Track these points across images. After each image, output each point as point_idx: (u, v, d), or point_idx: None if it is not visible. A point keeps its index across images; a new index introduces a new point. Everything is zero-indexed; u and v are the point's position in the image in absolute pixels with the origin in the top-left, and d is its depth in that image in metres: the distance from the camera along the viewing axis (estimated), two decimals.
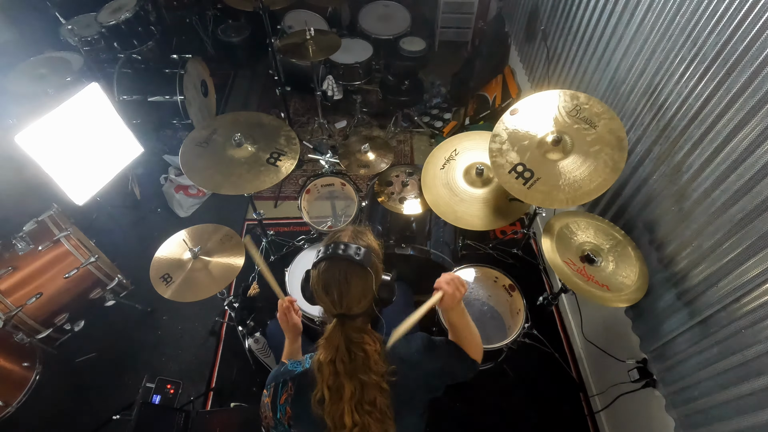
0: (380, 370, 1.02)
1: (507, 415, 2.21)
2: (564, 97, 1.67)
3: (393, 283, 1.12)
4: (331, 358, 1.01)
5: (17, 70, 2.71)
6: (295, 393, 1.08)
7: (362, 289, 1.03)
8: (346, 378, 1.00)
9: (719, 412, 1.31)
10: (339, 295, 1.02)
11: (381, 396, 1.01)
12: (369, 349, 1.02)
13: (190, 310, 2.57)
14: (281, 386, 1.10)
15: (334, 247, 1.04)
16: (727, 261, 1.27)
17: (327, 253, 1.05)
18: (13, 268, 2.03)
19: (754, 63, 1.17)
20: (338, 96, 3.47)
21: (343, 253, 1.02)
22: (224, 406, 2.19)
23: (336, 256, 1.03)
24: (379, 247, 1.14)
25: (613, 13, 1.84)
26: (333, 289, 1.02)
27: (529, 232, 2.39)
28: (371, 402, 1.00)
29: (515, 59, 3.24)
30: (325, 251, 1.06)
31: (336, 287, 1.02)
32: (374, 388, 1.00)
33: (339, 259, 1.03)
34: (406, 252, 2.07)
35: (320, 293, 1.05)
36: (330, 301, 1.04)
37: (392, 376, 1.04)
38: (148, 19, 3.16)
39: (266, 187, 1.87)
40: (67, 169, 2.01)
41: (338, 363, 1.00)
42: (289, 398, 1.08)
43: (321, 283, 1.04)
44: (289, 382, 1.09)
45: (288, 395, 1.08)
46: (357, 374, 1.00)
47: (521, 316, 1.85)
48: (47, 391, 2.10)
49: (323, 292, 1.04)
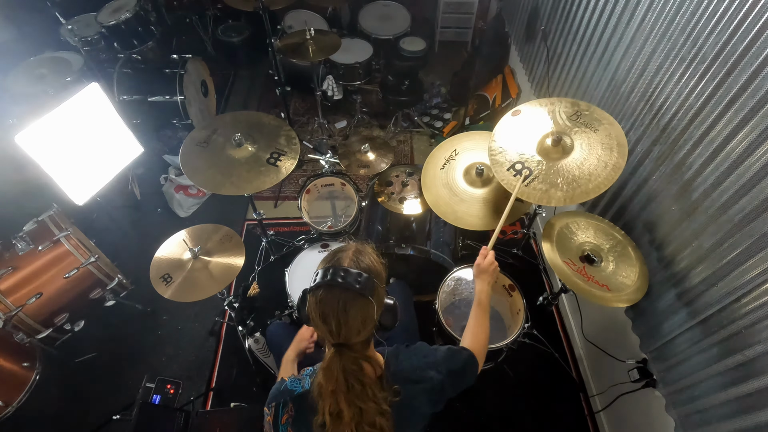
0: (379, 398, 1.00)
1: (507, 415, 2.21)
2: (564, 103, 1.69)
3: (396, 308, 1.07)
4: (331, 389, 0.99)
5: (17, 70, 2.72)
6: (296, 414, 1.07)
7: (362, 319, 0.98)
8: (345, 405, 0.98)
9: (719, 412, 1.31)
10: (337, 326, 0.97)
11: (382, 418, 0.99)
12: (367, 381, 1.00)
13: (190, 310, 2.58)
14: (282, 407, 1.08)
15: (333, 273, 0.97)
16: (727, 261, 1.27)
17: (325, 279, 0.98)
18: (13, 268, 2.03)
19: (754, 63, 1.17)
20: (338, 96, 3.47)
21: (342, 282, 0.96)
22: (224, 406, 2.19)
23: (335, 284, 0.96)
24: (383, 266, 1.08)
25: (613, 13, 1.84)
26: (331, 320, 0.97)
27: (529, 232, 2.39)
28: (371, 423, 0.99)
29: (515, 59, 3.24)
30: (323, 276, 0.99)
31: (334, 318, 0.97)
32: (374, 412, 0.99)
33: (338, 287, 0.96)
34: (406, 252, 2.07)
35: (317, 321, 1.00)
36: (327, 331, 0.99)
37: (395, 396, 1.02)
38: (148, 19, 3.16)
39: (266, 187, 1.87)
40: (67, 169, 2.01)
41: (338, 393, 0.98)
42: (290, 419, 1.07)
43: (318, 312, 0.99)
44: (290, 403, 1.08)
45: (289, 416, 1.07)
46: (355, 402, 0.98)
47: (521, 316, 1.85)
48: (47, 391, 2.10)
49: (320, 320, 0.99)
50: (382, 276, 1.05)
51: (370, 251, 1.07)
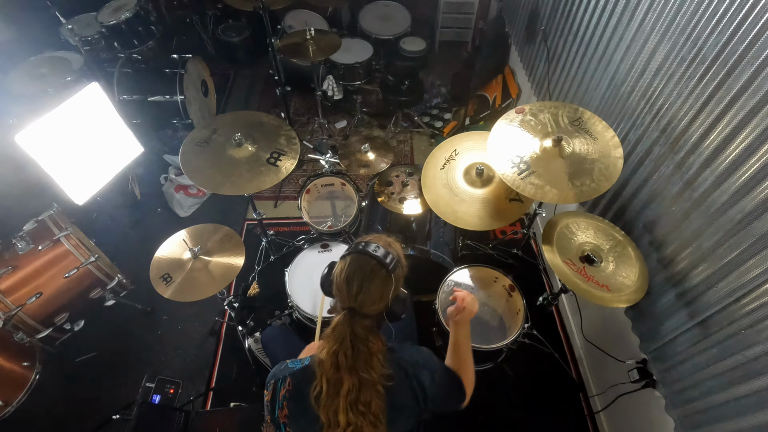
0: (380, 370, 1.03)
1: (507, 415, 2.21)
2: (567, 107, 1.73)
3: (407, 300, 1.15)
4: (334, 350, 1.02)
5: (17, 70, 2.71)
6: (293, 388, 1.09)
7: (381, 292, 1.06)
8: (346, 372, 1.01)
9: (719, 413, 1.31)
10: (358, 289, 1.05)
11: (376, 399, 1.02)
12: (373, 347, 1.04)
13: (190, 310, 2.58)
14: (280, 382, 1.11)
15: (367, 245, 1.09)
16: (727, 262, 1.27)
17: (359, 248, 1.09)
18: (13, 267, 2.03)
19: (754, 63, 1.16)
20: (338, 96, 3.47)
21: (374, 253, 1.07)
22: (224, 406, 2.19)
23: (368, 254, 1.07)
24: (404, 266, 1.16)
25: (614, 13, 1.84)
26: (354, 282, 1.06)
27: (529, 232, 2.39)
28: (366, 403, 1.01)
29: (515, 59, 3.24)
30: (356, 246, 1.10)
31: (358, 281, 1.05)
32: (371, 388, 1.01)
33: (370, 257, 1.07)
34: (406, 252, 2.07)
35: (341, 283, 1.08)
36: (347, 293, 1.06)
37: (389, 381, 1.05)
38: (149, 18, 3.16)
39: (266, 187, 1.87)
40: (67, 168, 2.01)
41: (341, 355, 1.02)
42: (287, 393, 1.09)
43: (345, 273, 1.07)
44: (288, 378, 1.10)
45: (286, 390, 1.09)
46: (357, 370, 1.01)
47: (521, 317, 1.85)
48: (47, 390, 2.10)
49: (344, 282, 1.07)
50: (404, 269, 1.14)
51: (398, 246, 1.17)
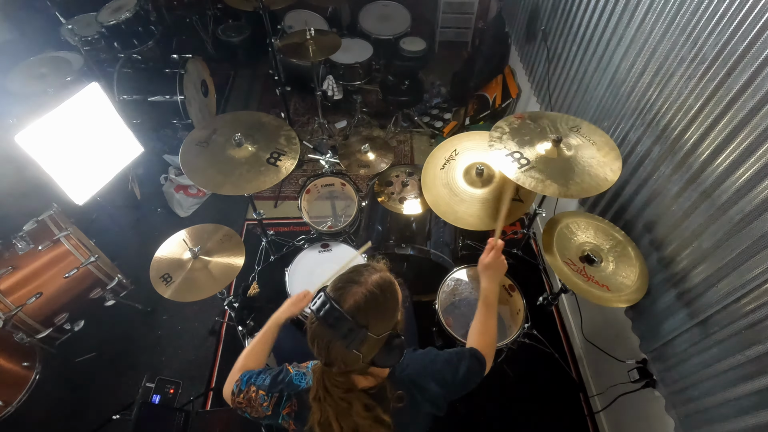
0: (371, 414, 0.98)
1: (507, 415, 2.21)
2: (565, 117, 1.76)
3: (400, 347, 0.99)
4: (316, 397, 0.99)
5: (17, 70, 2.71)
6: (299, 409, 1.07)
7: (343, 361, 0.95)
8: (334, 420, 0.97)
9: (719, 413, 1.31)
10: (319, 353, 0.97)
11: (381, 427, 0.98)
12: (354, 399, 0.98)
13: (190, 310, 2.58)
14: (285, 399, 1.08)
15: (327, 312, 0.93)
16: (727, 261, 1.27)
17: (318, 312, 0.94)
18: (13, 267, 2.03)
19: (754, 63, 1.17)
20: (338, 96, 3.47)
21: (331, 325, 0.92)
22: (224, 406, 2.19)
23: (323, 323, 0.93)
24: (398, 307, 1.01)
25: (614, 13, 1.84)
26: (314, 346, 0.96)
27: (529, 232, 2.39)
28: None
29: (515, 59, 3.24)
30: (319, 306, 0.95)
31: (316, 347, 0.96)
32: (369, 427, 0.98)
33: (326, 326, 0.93)
34: (406, 252, 2.07)
35: (309, 340, 0.98)
36: (314, 352, 0.98)
37: (399, 402, 1.01)
38: (149, 18, 3.16)
39: (266, 187, 1.87)
40: (67, 168, 2.01)
41: (324, 403, 0.98)
42: (292, 413, 1.07)
43: (308, 332, 0.97)
44: (293, 398, 1.07)
45: (291, 410, 1.07)
46: (345, 417, 0.97)
47: (521, 317, 1.85)
48: (47, 390, 2.10)
49: (309, 341, 0.98)
50: (388, 320, 0.98)
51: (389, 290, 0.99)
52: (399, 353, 0.99)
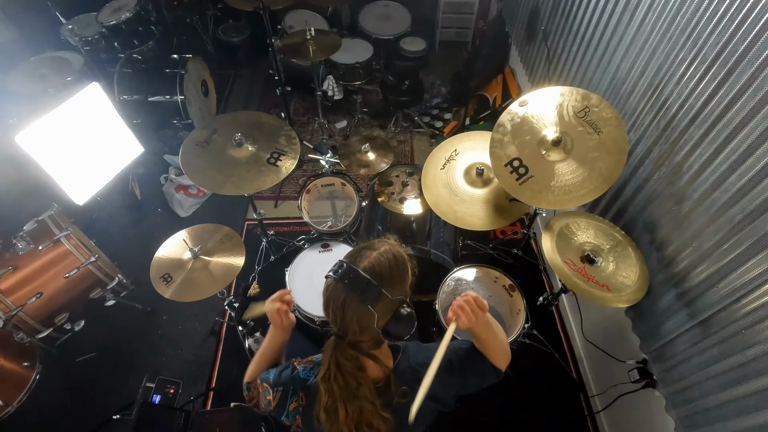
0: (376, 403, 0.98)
1: (507, 415, 2.21)
2: (575, 95, 1.63)
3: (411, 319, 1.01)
4: (325, 375, 0.99)
5: (18, 70, 2.71)
6: (306, 404, 1.06)
7: (358, 322, 0.96)
8: (341, 402, 0.97)
9: (719, 413, 1.31)
10: (334, 320, 0.98)
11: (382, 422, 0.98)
12: (363, 381, 0.99)
13: (190, 310, 2.58)
14: (291, 393, 1.07)
15: (344, 270, 0.96)
16: (728, 261, 1.27)
17: (336, 272, 0.97)
18: (14, 267, 2.03)
19: (754, 63, 1.17)
20: (338, 96, 3.47)
21: (348, 282, 0.95)
22: (224, 406, 2.19)
23: (340, 281, 0.96)
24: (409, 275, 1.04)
25: (614, 13, 1.84)
26: (329, 311, 0.99)
27: (529, 232, 2.39)
28: (369, 424, 0.98)
29: (516, 59, 3.24)
30: (336, 268, 0.98)
31: (332, 311, 0.98)
32: (372, 414, 0.98)
33: (342, 285, 0.96)
34: (406, 252, 2.07)
35: (323, 306, 1.01)
36: (329, 319, 1.00)
37: (403, 398, 1.01)
38: (149, 18, 3.16)
39: (267, 187, 1.87)
40: (67, 168, 2.01)
41: (332, 383, 0.98)
42: (300, 408, 1.07)
43: (323, 298, 1.00)
44: (300, 392, 1.07)
45: (299, 405, 1.07)
46: (352, 400, 0.97)
47: (521, 317, 1.85)
48: (47, 390, 2.10)
49: (324, 307, 1.00)
50: (399, 286, 1.00)
51: (400, 258, 1.03)
52: (410, 323, 1.01)
